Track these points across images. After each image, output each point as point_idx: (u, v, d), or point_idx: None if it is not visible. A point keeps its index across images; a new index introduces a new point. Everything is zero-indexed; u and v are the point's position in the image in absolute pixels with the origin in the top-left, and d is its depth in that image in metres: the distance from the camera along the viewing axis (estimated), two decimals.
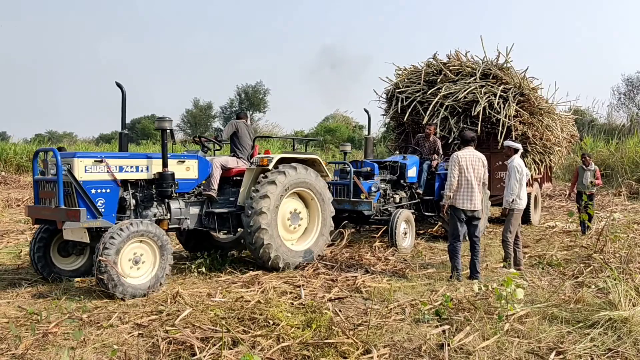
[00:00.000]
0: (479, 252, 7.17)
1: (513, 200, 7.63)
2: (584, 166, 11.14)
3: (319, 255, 8.01)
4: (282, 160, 7.66)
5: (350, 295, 6.17)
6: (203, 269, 7.28)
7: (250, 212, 7.13)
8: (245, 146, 8.14)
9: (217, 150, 8.58)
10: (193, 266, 7.32)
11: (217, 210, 7.43)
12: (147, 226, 6.13)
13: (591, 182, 10.89)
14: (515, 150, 7.89)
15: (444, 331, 4.85)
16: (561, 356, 4.25)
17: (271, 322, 4.88)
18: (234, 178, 7.91)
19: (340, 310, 5.43)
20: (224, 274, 7.15)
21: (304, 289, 6.24)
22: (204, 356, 4.11)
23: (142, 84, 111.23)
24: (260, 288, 6.28)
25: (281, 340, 4.48)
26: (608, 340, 4.58)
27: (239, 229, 7.70)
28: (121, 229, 5.89)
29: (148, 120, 65.35)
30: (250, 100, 65.69)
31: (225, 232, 7.79)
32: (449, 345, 4.44)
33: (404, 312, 5.49)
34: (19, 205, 16.12)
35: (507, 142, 8.10)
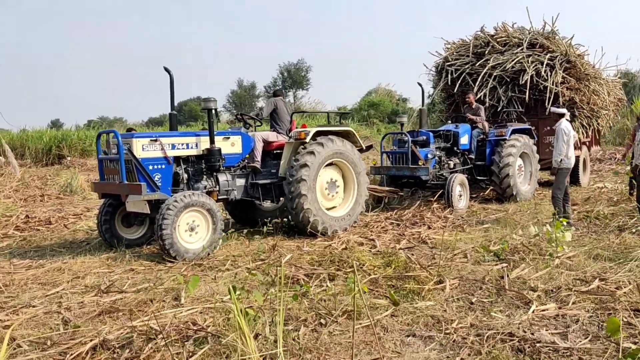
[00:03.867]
0: None
1: (561, 160, 8.38)
2: None
3: (354, 222, 8.55)
4: (319, 134, 8.20)
5: (418, 245, 7.16)
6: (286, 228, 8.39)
7: (291, 179, 7.75)
8: (284, 121, 8.75)
9: (258, 126, 9.09)
10: (277, 227, 8.42)
11: (260, 182, 8.11)
12: (199, 197, 6.84)
13: None
14: (561, 115, 8.61)
15: (502, 268, 5.78)
16: (603, 282, 5.12)
17: (357, 263, 5.93)
18: (274, 151, 8.56)
19: (412, 254, 6.43)
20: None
21: (377, 241, 7.26)
22: (311, 286, 5.18)
23: (188, 68, 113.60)
24: (339, 240, 7.34)
25: (369, 275, 5.52)
26: None
27: (281, 198, 8.39)
28: (176, 201, 6.60)
29: (194, 103, 67.33)
30: (293, 78, 66.68)
31: (269, 201, 8.38)
32: (508, 276, 5.38)
33: (466, 256, 6.45)
34: None
35: (552, 109, 8.82)
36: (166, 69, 7.31)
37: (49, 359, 3.67)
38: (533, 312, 4.41)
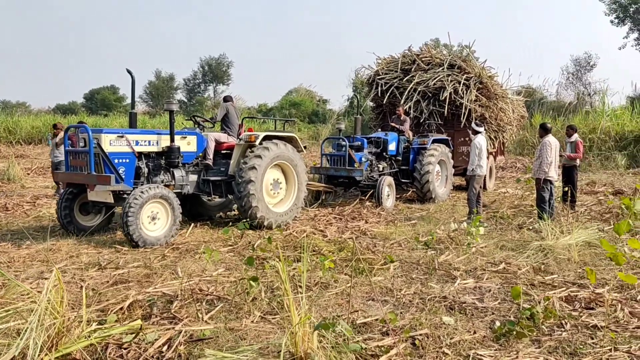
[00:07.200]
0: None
1: (473, 169, 10.03)
2: (567, 138, 11.19)
3: (295, 217, 9.57)
4: (265, 137, 9.15)
5: (360, 236, 8.47)
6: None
7: (240, 180, 8.57)
8: (234, 124, 9.64)
9: (210, 128, 9.90)
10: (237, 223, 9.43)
11: (212, 178, 8.96)
12: (161, 190, 7.59)
13: (561, 155, 10.58)
14: (476, 132, 10.27)
15: (432, 254, 7.20)
16: (508, 265, 6.66)
17: (316, 248, 7.13)
18: (224, 151, 9.42)
19: (359, 243, 7.73)
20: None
21: (327, 232, 8.50)
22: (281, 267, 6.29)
23: (99, 53, 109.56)
24: (295, 230, 8.50)
25: (327, 257, 6.72)
26: (538, 257, 7.03)
27: (228, 195, 9.23)
28: (142, 192, 7.30)
29: (107, 91, 65.45)
30: (214, 72, 66.38)
31: (218, 196, 9.25)
32: (437, 260, 6.80)
33: (401, 245, 7.83)
34: (28, 174, 17.63)
35: (473, 126, 10.46)
36: (128, 71, 7.90)
37: (92, 314, 4.56)
38: (458, 284, 5.81)
